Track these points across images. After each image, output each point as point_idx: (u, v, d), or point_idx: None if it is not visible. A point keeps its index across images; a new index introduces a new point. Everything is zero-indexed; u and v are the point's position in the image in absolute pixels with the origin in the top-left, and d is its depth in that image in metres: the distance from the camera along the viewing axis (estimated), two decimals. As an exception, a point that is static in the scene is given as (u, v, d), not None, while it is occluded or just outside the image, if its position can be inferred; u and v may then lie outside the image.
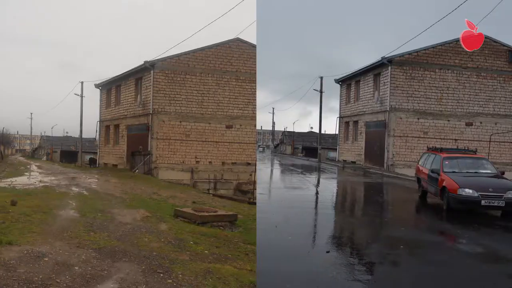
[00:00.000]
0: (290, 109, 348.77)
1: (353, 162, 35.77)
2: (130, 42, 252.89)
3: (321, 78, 44.25)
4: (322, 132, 47.47)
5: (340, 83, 40.09)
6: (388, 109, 30.01)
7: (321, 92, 44.23)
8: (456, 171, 13.92)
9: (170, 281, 6.59)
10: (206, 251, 8.63)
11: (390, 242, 9.49)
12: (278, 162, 44.83)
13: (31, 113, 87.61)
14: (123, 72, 33.70)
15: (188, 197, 18.74)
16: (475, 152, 16.28)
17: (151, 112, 28.98)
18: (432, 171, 14.42)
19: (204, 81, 29.94)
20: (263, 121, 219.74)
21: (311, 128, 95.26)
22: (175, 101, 29.38)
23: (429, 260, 8.14)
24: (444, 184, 13.23)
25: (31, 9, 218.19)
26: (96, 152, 41.50)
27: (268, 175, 28.02)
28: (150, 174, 28.05)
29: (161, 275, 6.81)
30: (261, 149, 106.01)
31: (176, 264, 7.44)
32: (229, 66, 30.43)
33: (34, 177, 24.50)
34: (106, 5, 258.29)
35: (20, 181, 20.92)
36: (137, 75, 31.56)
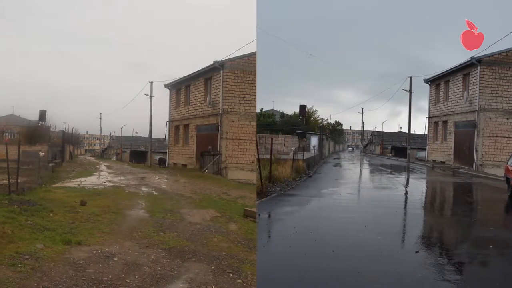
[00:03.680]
0: (379, 109, 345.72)
1: (442, 162, 35.60)
2: (199, 42, 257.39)
3: (410, 78, 43.72)
4: (411, 132, 47.33)
5: (429, 83, 40.02)
6: (477, 109, 29.86)
7: (410, 92, 43.66)
8: None
9: (239, 281, 6.57)
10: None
11: (479, 242, 9.25)
12: (367, 162, 45.60)
13: (101, 113, 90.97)
14: (192, 72, 34.16)
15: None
16: None
17: (220, 112, 29.13)
18: (521, 171, 13.94)
19: (272, 80, 29.68)
20: (351, 121, 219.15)
21: (400, 128, 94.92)
22: (245, 101, 29.34)
23: (518, 260, 7.93)
24: (532, 184, 12.85)
25: (99, 10, 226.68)
26: (166, 152, 42.27)
27: (358, 175, 28.19)
28: (220, 174, 28.16)
29: (231, 275, 6.80)
30: (350, 149, 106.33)
31: (245, 264, 7.40)
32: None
33: (103, 177, 25.17)
34: (174, 5, 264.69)
35: (89, 181, 21.52)
36: (206, 75, 31.81)
